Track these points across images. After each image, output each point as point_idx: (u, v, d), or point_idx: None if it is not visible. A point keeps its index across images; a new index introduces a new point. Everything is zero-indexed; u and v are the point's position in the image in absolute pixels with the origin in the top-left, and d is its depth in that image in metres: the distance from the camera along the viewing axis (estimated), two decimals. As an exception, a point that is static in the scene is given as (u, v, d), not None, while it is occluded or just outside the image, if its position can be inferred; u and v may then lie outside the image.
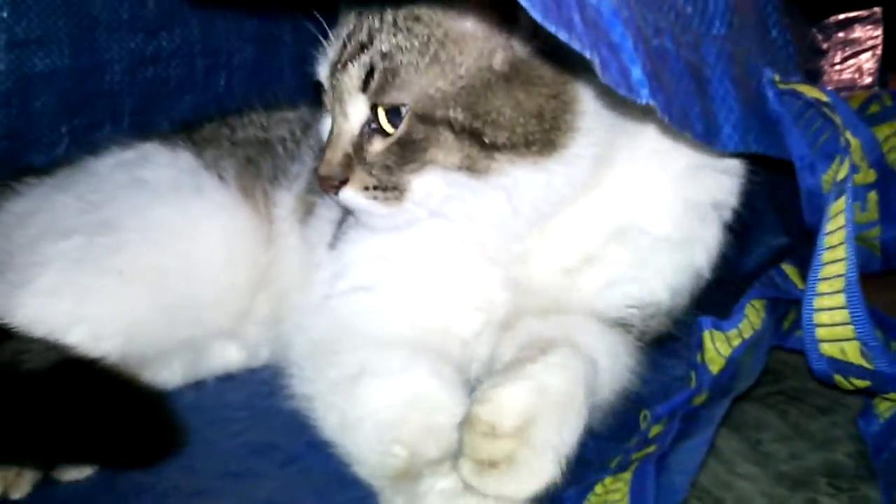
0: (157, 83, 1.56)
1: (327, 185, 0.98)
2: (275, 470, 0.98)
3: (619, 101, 0.87)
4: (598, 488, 0.85)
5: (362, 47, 0.95)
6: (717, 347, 1.04)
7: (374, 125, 0.96)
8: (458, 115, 0.90)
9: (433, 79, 0.91)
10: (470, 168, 0.92)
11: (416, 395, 0.92)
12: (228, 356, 1.26)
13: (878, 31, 1.99)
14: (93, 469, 1.00)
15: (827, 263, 0.93)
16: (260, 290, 1.24)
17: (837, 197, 0.94)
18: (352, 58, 0.96)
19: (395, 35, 0.93)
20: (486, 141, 0.90)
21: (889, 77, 2.00)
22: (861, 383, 0.94)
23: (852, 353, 0.92)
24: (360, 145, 0.98)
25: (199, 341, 1.20)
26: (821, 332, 0.94)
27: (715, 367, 1.03)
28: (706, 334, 1.04)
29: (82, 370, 1.00)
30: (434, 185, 0.95)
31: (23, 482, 0.96)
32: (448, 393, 0.92)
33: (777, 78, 1.03)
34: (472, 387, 0.97)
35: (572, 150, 0.91)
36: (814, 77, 1.92)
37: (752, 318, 1.07)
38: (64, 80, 1.43)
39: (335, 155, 0.98)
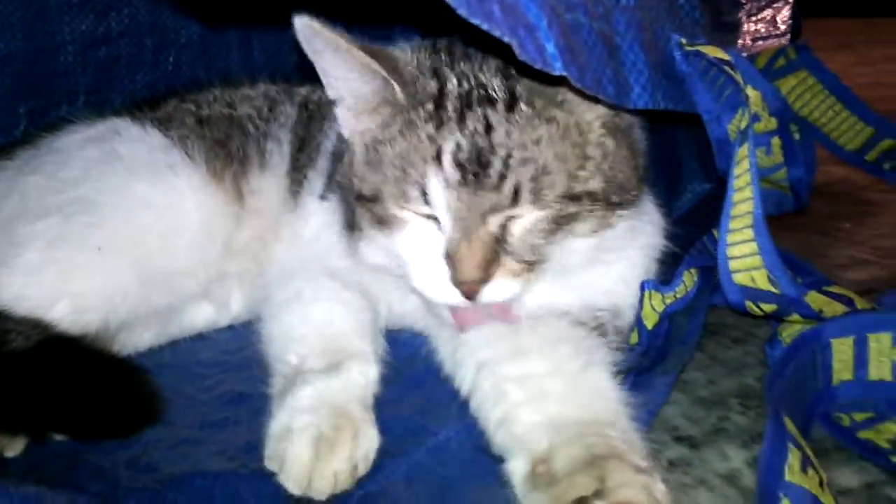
0: (109, 62, 1.60)
1: (471, 290, 0.95)
2: (250, 418, 1.05)
3: None
4: None
5: (487, 160, 0.92)
6: (653, 305, 1.11)
7: (512, 213, 0.95)
8: (599, 185, 0.96)
9: (575, 167, 0.95)
10: (601, 229, 0.99)
11: (326, 322, 1.07)
12: (200, 316, 1.33)
13: (791, -20, 2.08)
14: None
15: (737, 203, 1.02)
16: (229, 258, 1.30)
17: (741, 144, 1.02)
18: (485, 178, 0.92)
19: (527, 130, 0.93)
20: (613, 200, 0.98)
21: (802, 25, 2.11)
22: (769, 307, 1.04)
23: (761, 280, 1.01)
24: (500, 237, 0.96)
25: (173, 307, 1.26)
26: (733, 264, 1.02)
27: (650, 323, 1.10)
28: (646, 294, 1.10)
29: (65, 348, 1.06)
30: (574, 250, 0.99)
31: (16, 443, 1.02)
32: (353, 327, 1.07)
33: (683, 41, 1.12)
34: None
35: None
36: (733, 29, 2.00)
37: (687, 282, 1.13)
38: (19, 63, 1.48)
39: (477, 259, 0.94)
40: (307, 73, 1.75)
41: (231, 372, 1.22)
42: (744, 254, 1.02)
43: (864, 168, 1.62)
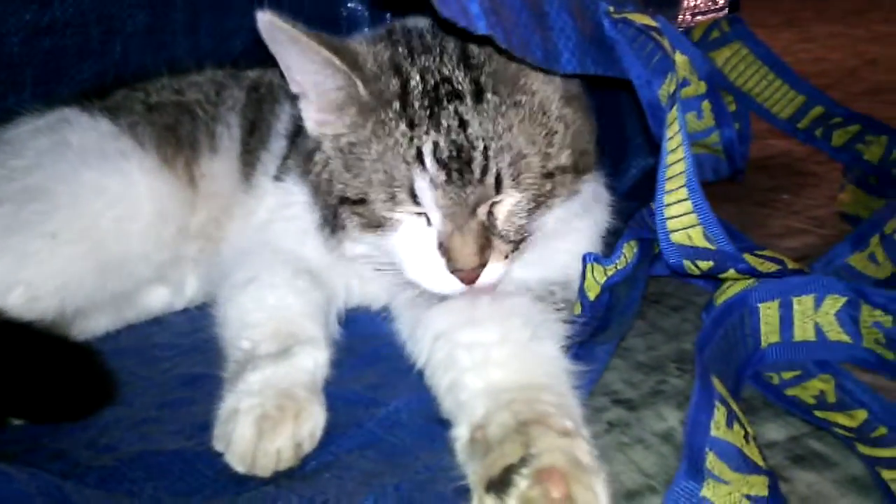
0: (55, 53, 1.59)
1: (469, 277, 0.99)
2: (206, 398, 1.05)
3: None
4: None
5: (467, 156, 0.96)
6: (595, 277, 1.13)
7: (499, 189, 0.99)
8: (570, 158, 1.03)
9: (544, 145, 1.01)
10: (571, 195, 1.06)
11: (280, 307, 1.10)
12: (156, 300, 1.35)
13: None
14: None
15: (670, 165, 1.05)
16: (184, 242, 1.31)
17: (671, 107, 1.05)
18: (468, 174, 0.96)
19: (497, 119, 0.98)
20: (580, 167, 1.04)
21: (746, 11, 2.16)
22: (705, 265, 1.06)
23: (697, 237, 1.04)
24: (488, 223, 1.01)
25: (129, 292, 1.28)
26: (671, 224, 1.05)
27: (592, 294, 1.13)
28: (588, 266, 1.12)
29: (16, 333, 1.07)
30: (551, 218, 1.05)
31: None
32: (306, 311, 1.10)
33: (611, 9, 1.14)
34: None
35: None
36: (672, 4, 2.02)
37: (626, 254, 1.16)
38: (-37, 58, 1.47)
39: (472, 248, 0.98)
40: (255, 58, 1.78)
41: (186, 354, 1.24)
42: (680, 213, 1.05)
43: (798, 136, 1.67)
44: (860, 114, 1.64)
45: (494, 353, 0.95)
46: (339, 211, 1.06)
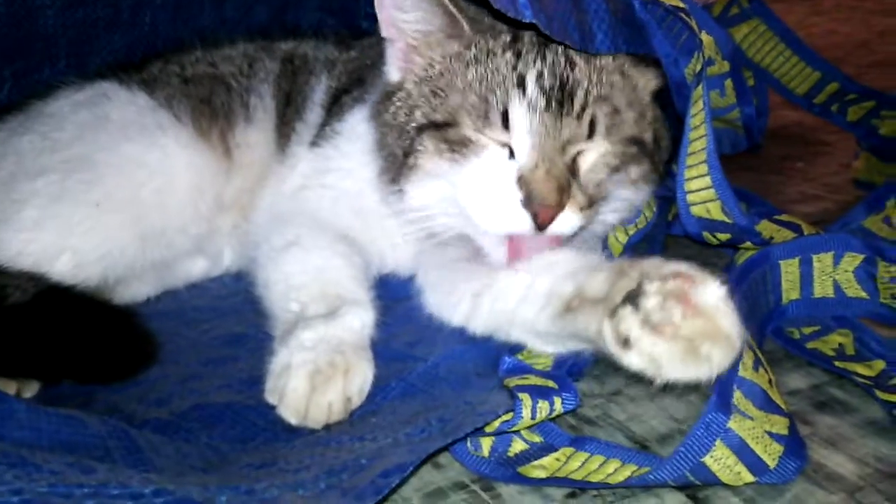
0: (88, 24, 1.62)
1: (546, 216, 0.99)
2: (248, 355, 1.13)
3: None
4: (525, 352, 1.01)
5: (570, 90, 1.00)
6: (617, 237, 1.18)
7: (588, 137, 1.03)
8: (649, 140, 1.09)
9: (637, 114, 1.08)
10: (644, 183, 1.13)
11: (323, 268, 1.13)
12: (195, 269, 1.40)
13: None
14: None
15: (693, 140, 1.09)
16: (220, 213, 1.36)
17: (696, 85, 1.09)
18: (569, 105, 1.00)
19: (603, 74, 1.04)
20: (656, 160, 1.12)
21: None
22: (723, 236, 1.12)
23: (715, 211, 1.09)
24: (572, 168, 1.03)
25: (168, 262, 1.33)
26: (691, 197, 1.10)
27: (616, 252, 1.18)
28: None
29: (61, 298, 1.11)
30: (619, 197, 1.11)
31: (31, 385, 1.07)
32: (350, 274, 1.13)
33: None
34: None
35: None
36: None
37: (646, 214, 1.20)
38: (0, 27, 1.51)
39: (554, 185, 0.99)
40: (278, 28, 1.82)
41: (226, 316, 1.30)
42: (700, 187, 1.10)
43: (814, 111, 1.71)
44: (875, 90, 1.68)
45: (550, 262, 0.98)
46: (416, 141, 1.07)
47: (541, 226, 0.99)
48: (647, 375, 0.77)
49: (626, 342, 0.77)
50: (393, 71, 1.14)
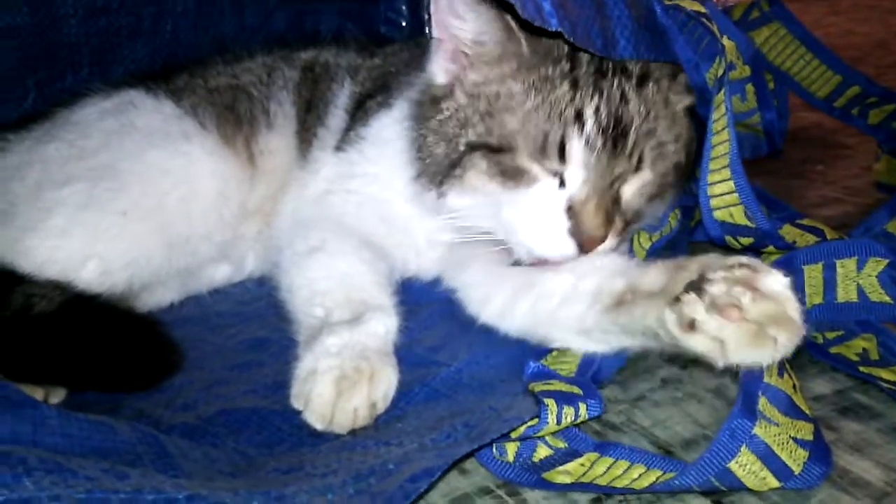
0: (110, 32, 1.64)
1: (591, 245, 1.02)
2: (273, 360, 1.14)
3: None
4: (549, 358, 1.02)
5: (623, 128, 1.02)
6: (641, 243, 1.19)
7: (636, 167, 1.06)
8: (682, 159, 1.12)
9: (674, 140, 1.09)
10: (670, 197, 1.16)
11: (347, 273, 1.14)
12: (217, 274, 1.41)
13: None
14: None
15: (715, 145, 1.10)
16: (245, 219, 1.37)
17: (718, 90, 1.10)
18: (622, 143, 1.02)
19: (651, 105, 1.05)
20: (683, 174, 1.14)
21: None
22: (746, 241, 1.13)
23: (738, 216, 1.10)
24: (614, 198, 1.06)
25: (192, 268, 1.34)
26: (714, 202, 1.11)
27: (639, 257, 1.18)
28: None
29: (86, 308, 1.12)
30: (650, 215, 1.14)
31: (57, 392, 1.08)
32: (374, 280, 1.14)
33: None
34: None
35: None
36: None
37: (671, 221, 1.21)
38: (25, 36, 1.51)
39: (601, 219, 1.02)
40: (297, 35, 1.83)
41: (249, 321, 1.31)
42: (723, 192, 1.11)
43: (834, 114, 1.71)
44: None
45: (589, 266, 1.02)
46: (465, 157, 1.08)
47: (584, 252, 1.02)
48: (710, 358, 0.81)
49: (691, 325, 0.80)
50: (439, 73, 1.14)
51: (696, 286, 0.81)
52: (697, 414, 0.94)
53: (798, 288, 1.07)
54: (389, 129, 1.23)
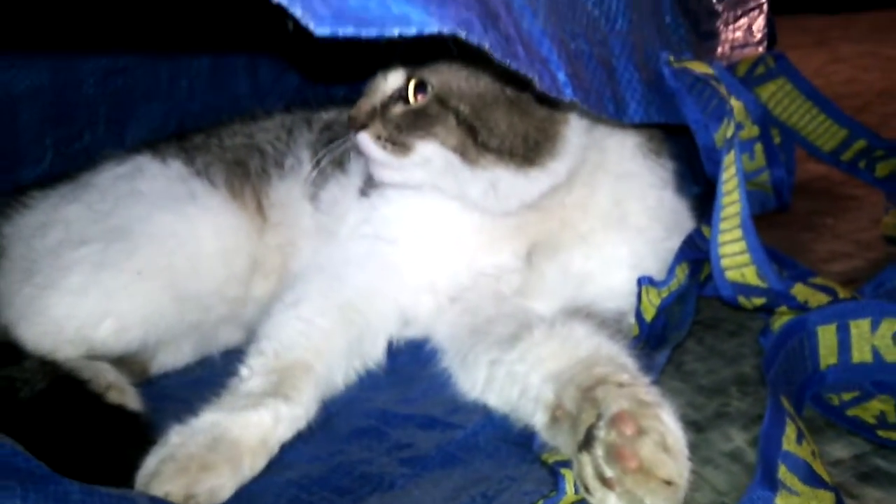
0: (127, 92, 1.68)
1: (352, 123, 1.18)
2: None
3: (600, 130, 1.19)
4: None
5: None
6: (650, 299, 1.18)
7: (402, 93, 1.16)
8: (464, 109, 1.11)
9: (459, 79, 1.12)
10: (462, 154, 1.12)
11: (294, 341, 1.15)
12: (231, 337, 1.42)
13: (762, -10, 2.14)
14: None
15: (726, 206, 1.11)
16: (256, 274, 1.39)
17: (728, 151, 1.12)
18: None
19: None
20: (479, 139, 1.11)
21: (776, 33, 2.19)
22: (759, 301, 1.14)
23: (750, 276, 1.11)
24: (386, 105, 1.17)
25: (205, 325, 1.35)
26: (725, 262, 1.12)
27: (648, 316, 1.18)
28: (643, 289, 1.17)
29: (67, 394, 1.13)
30: (432, 153, 1.14)
31: None
32: (316, 353, 1.14)
33: (671, 58, 1.22)
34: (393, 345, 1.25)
35: (549, 167, 1.13)
36: (711, 37, 2.08)
37: (679, 276, 1.20)
38: (45, 96, 1.56)
39: (365, 105, 1.19)
40: (308, 94, 1.86)
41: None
42: (734, 252, 1.12)
43: (841, 167, 1.72)
44: (903, 146, 1.69)
45: (544, 351, 1.06)
46: None
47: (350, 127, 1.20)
48: None
49: (586, 488, 0.86)
50: None
51: (590, 439, 0.87)
52: (715, 480, 0.94)
53: (812, 350, 1.08)
54: None
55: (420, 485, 0.95)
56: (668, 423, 0.87)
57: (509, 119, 1.11)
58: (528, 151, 1.12)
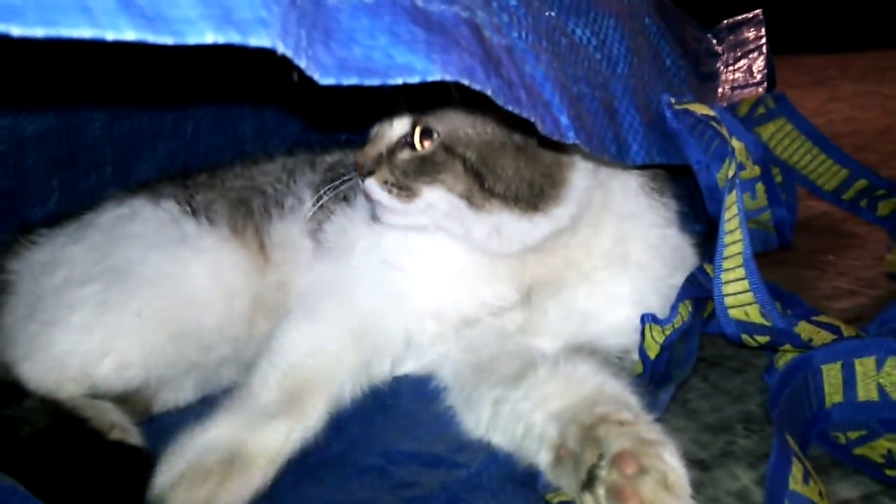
0: (133, 134, 1.70)
1: (360, 169, 1.20)
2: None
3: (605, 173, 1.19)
4: None
5: None
6: (654, 337, 1.19)
7: (409, 140, 1.17)
8: (471, 156, 1.12)
9: (465, 125, 1.13)
10: (469, 199, 1.13)
11: (305, 359, 1.18)
12: (231, 375, 1.40)
13: (762, 32, 2.12)
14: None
15: (728, 245, 1.12)
16: (257, 313, 1.39)
17: (730, 191, 1.12)
18: None
19: None
20: (486, 185, 1.12)
21: (776, 74, 2.21)
22: (762, 339, 1.14)
23: (754, 314, 1.11)
24: (392, 151, 1.18)
25: (207, 364, 1.35)
26: (728, 301, 1.12)
27: (652, 353, 1.19)
28: (647, 327, 1.19)
29: (70, 432, 1.15)
30: (438, 199, 1.15)
31: None
32: (328, 370, 1.18)
33: (673, 101, 1.24)
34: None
35: (553, 212, 1.14)
36: (712, 78, 2.10)
37: (682, 313, 1.21)
38: (52, 139, 1.58)
39: (372, 151, 1.20)
40: (312, 136, 1.87)
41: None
42: (737, 291, 1.12)
43: (843, 206, 1.73)
44: (904, 186, 1.70)
45: (548, 389, 1.07)
46: None
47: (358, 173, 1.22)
48: None
49: None
50: None
51: (592, 478, 0.89)
52: (723, 520, 0.93)
53: (817, 387, 1.08)
54: None
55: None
56: (669, 462, 0.87)
57: (516, 165, 1.12)
58: (534, 197, 1.13)
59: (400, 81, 0.70)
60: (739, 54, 2.14)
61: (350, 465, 1.12)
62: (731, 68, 2.12)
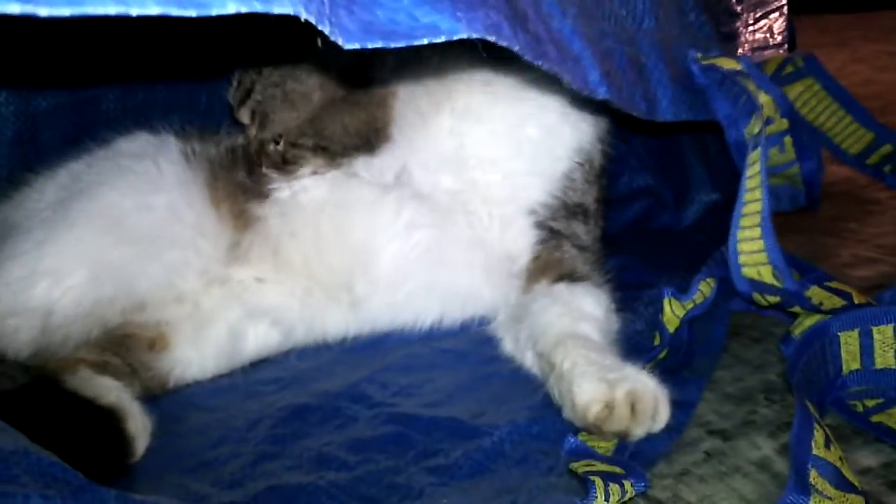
0: (146, 106, 1.70)
1: None
2: (314, 429, 1.16)
3: None
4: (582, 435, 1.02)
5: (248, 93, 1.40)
6: (674, 311, 1.20)
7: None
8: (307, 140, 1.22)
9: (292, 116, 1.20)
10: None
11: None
12: (263, 340, 1.43)
13: (782, -9, 2.13)
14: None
15: (748, 202, 1.12)
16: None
17: (754, 148, 1.12)
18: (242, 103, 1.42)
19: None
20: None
21: (795, 35, 2.17)
22: (773, 299, 1.14)
23: (766, 275, 1.11)
24: None
25: (200, 305, 1.38)
26: (742, 259, 1.12)
27: (671, 327, 1.20)
28: (666, 300, 1.20)
29: (48, 391, 1.14)
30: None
31: None
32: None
33: (699, 56, 1.23)
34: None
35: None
36: (731, 38, 2.08)
37: (703, 290, 1.22)
38: (65, 115, 1.58)
39: None
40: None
41: (289, 387, 1.32)
42: (752, 250, 1.12)
43: (866, 171, 1.72)
44: (928, 152, 1.68)
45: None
46: None
47: None
48: None
49: None
50: None
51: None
52: (744, 489, 0.93)
53: (834, 355, 1.07)
54: None
55: (448, 494, 0.95)
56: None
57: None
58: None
59: (425, 42, 0.70)
60: (759, 14, 2.10)
61: (369, 431, 1.13)
62: (750, 28, 2.09)
